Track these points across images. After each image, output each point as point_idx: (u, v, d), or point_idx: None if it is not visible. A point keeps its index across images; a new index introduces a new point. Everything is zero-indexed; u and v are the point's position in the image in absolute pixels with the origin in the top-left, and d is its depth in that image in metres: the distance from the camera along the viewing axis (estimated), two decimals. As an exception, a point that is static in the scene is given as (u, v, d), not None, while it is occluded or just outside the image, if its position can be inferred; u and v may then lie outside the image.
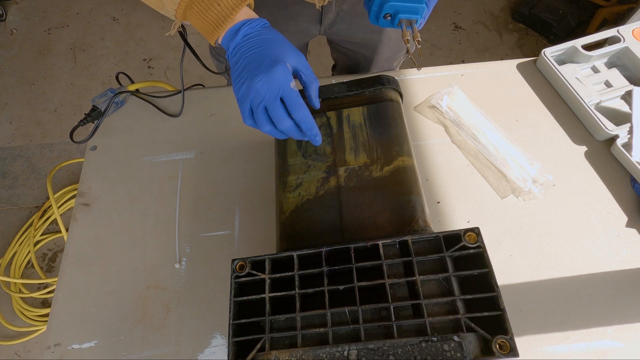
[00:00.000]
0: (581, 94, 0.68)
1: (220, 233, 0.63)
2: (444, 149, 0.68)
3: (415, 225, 0.46)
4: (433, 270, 0.42)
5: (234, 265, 0.44)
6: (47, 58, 2.01)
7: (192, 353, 0.55)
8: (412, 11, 0.45)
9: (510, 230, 0.60)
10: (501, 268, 0.57)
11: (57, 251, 1.51)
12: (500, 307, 0.37)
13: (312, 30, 0.74)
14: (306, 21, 0.71)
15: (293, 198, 0.51)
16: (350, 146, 0.53)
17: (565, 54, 0.75)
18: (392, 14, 0.46)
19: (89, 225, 0.65)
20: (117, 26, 2.10)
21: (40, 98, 1.89)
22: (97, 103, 0.73)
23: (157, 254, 0.62)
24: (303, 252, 0.44)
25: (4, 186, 1.65)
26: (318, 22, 0.71)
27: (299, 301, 0.42)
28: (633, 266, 0.57)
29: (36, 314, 1.37)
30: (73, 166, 1.63)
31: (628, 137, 0.65)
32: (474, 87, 0.74)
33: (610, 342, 0.52)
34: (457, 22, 2.02)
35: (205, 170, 0.69)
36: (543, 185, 0.63)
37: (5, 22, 2.15)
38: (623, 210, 0.61)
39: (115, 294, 0.60)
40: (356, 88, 0.58)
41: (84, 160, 0.71)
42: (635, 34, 0.73)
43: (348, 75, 0.79)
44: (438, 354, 0.35)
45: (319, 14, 0.69)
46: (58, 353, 0.56)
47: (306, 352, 0.38)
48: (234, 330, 0.41)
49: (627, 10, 1.69)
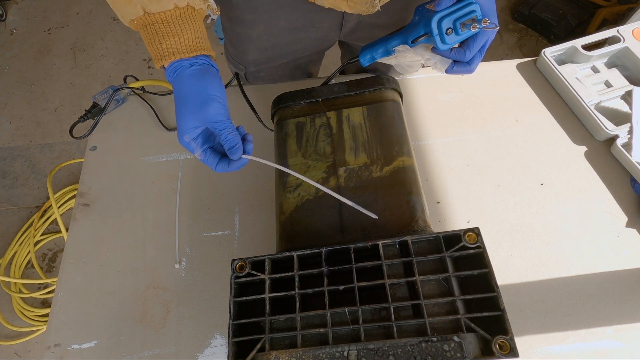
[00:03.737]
0: (581, 94, 0.68)
1: (220, 233, 0.63)
2: (444, 149, 0.68)
3: (415, 226, 0.46)
4: (433, 270, 0.42)
5: (234, 266, 0.44)
6: (47, 58, 2.01)
7: (192, 353, 0.55)
8: (466, 13, 0.45)
9: (510, 230, 0.60)
10: (501, 268, 0.57)
11: (57, 251, 1.51)
12: (500, 307, 0.37)
13: (332, 36, 0.72)
14: (326, 28, 0.69)
15: (293, 198, 0.51)
16: (350, 146, 0.53)
17: (565, 54, 0.75)
18: (453, 26, 0.45)
19: (89, 225, 0.65)
20: (117, 26, 2.10)
21: (40, 98, 1.89)
22: (98, 100, 0.73)
23: (157, 254, 0.62)
24: (303, 252, 0.44)
25: (4, 186, 1.65)
26: (338, 29, 0.70)
27: (299, 301, 0.42)
28: (633, 266, 0.57)
29: (36, 314, 1.37)
30: (73, 166, 1.63)
31: (628, 137, 0.65)
32: (474, 87, 0.74)
33: (610, 342, 0.52)
34: (457, 22, 2.01)
35: (205, 170, 0.69)
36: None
37: (5, 22, 2.15)
38: (623, 210, 0.61)
39: (115, 294, 0.60)
40: (356, 88, 0.58)
41: (84, 161, 0.71)
42: (635, 34, 0.73)
43: (348, 76, 0.79)
44: (438, 354, 0.35)
45: (340, 21, 0.67)
46: (58, 353, 0.56)
47: (306, 352, 0.38)
48: (234, 331, 0.41)
49: (627, 10, 1.69)
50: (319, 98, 0.58)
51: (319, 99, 0.58)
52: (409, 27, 0.49)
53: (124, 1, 0.44)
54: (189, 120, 0.44)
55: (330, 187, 0.51)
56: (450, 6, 0.45)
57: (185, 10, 0.45)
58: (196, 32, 0.46)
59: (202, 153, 0.46)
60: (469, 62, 0.50)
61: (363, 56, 0.54)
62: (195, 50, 0.45)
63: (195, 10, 0.46)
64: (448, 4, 0.45)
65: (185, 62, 0.45)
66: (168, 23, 0.44)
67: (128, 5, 0.43)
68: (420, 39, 0.48)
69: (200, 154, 0.46)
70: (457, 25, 0.45)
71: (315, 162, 0.53)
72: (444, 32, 0.46)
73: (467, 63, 0.50)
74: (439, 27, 0.45)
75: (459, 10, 0.45)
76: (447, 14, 0.45)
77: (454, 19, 0.45)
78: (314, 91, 0.59)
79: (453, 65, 0.51)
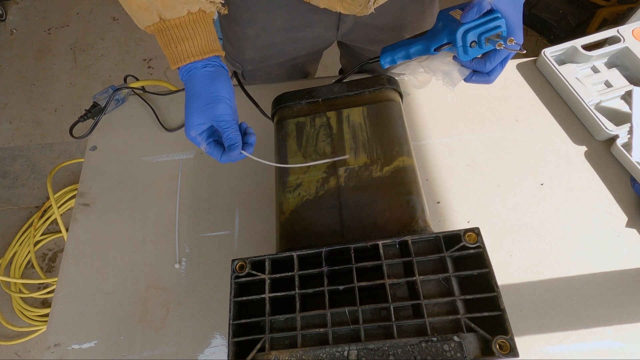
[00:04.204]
0: (581, 94, 0.68)
1: (220, 233, 0.63)
2: (444, 149, 0.68)
3: (415, 226, 0.46)
4: (433, 270, 0.42)
5: (234, 266, 0.44)
6: (47, 58, 2.01)
7: (192, 353, 0.55)
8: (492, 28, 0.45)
9: (510, 230, 0.60)
10: (501, 268, 0.57)
11: (57, 251, 1.51)
12: (500, 307, 0.37)
13: (328, 36, 0.72)
14: (323, 28, 0.69)
15: (293, 198, 0.51)
16: (350, 146, 0.53)
17: (565, 54, 0.75)
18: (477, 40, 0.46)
19: (89, 225, 0.65)
20: (117, 26, 2.10)
21: (40, 98, 1.89)
22: (98, 100, 0.73)
23: (157, 254, 0.62)
24: (303, 252, 0.44)
25: (4, 186, 1.65)
26: (335, 29, 0.70)
27: (299, 301, 0.42)
28: (633, 266, 0.57)
29: (36, 314, 1.37)
30: (73, 166, 1.63)
31: (628, 137, 0.65)
32: (474, 86, 0.74)
33: (610, 342, 0.52)
34: (457, 22, 2.01)
35: (205, 170, 0.69)
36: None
37: (5, 22, 2.15)
38: (623, 210, 0.61)
39: (115, 294, 0.60)
40: (356, 88, 0.58)
41: (84, 161, 0.71)
42: (635, 34, 0.73)
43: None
44: (438, 354, 0.35)
45: (336, 21, 0.68)
46: (58, 353, 0.56)
47: (306, 352, 0.38)
48: (234, 331, 0.41)
49: (627, 10, 1.69)
50: (319, 98, 0.58)
51: (319, 99, 0.58)
52: (432, 33, 0.49)
53: (140, 8, 0.46)
54: (196, 117, 0.47)
55: (331, 187, 0.51)
56: (476, 19, 0.45)
57: (197, 15, 0.47)
58: (208, 35, 0.49)
59: (207, 146, 0.49)
60: (488, 72, 0.50)
61: (384, 58, 0.53)
62: (207, 53, 0.48)
63: (206, 13, 0.48)
64: (474, 17, 0.45)
65: (198, 64, 0.48)
66: (182, 28, 0.47)
67: (145, 12, 0.46)
68: (443, 47, 0.48)
69: (206, 147, 0.49)
70: (482, 40, 0.45)
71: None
72: (467, 45, 0.46)
73: (487, 74, 0.50)
74: (463, 39, 0.46)
75: (484, 24, 0.45)
76: (472, 27, 0.45)
77: (479, 32, 0.45)
78: (314, 91, 0.59)
79: (472, 75, 0.51)
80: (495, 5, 0.45)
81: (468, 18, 0.45)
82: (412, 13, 0.69)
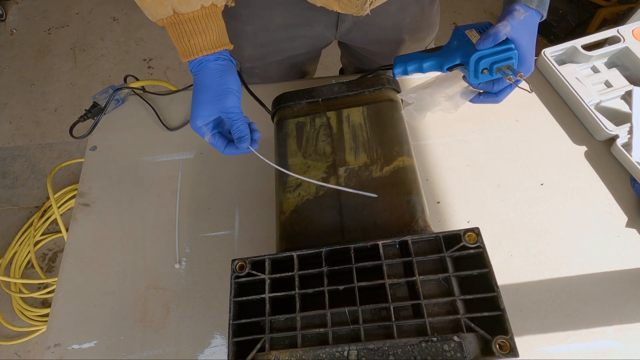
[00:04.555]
0: (581, 94, 0.68)
1: (220, 233, 0.63)
2: (444, 149, 0.68)
3: (415, 226, 0.46)
4: (433, 270, 0.42)
5: (234, 266, 0.44)
6: (47, 58, 2.01)
7: (192, 353, 0.55)
8: (504, 59, 0.47)
9: (510, 230, 0.60)
10: (501, 268, 0.57)
11: (57, 251, 1.51)
12: (500, 307, 0.37)
13: (327, 36, 0.72)
14: (322, 26, 0.69)
15: (293, 198, 0.51)
16: (350, 146, 0.53)
17: (565, 54, 0.75)
18: (488, 67, 0.47)
19: (89, 225, 0.65)
20: (117, 26, 2.10)
21: (40, 98, 1.89)
22: (98, 100, 0.73)
23: (157, 254, 0.62)
24: (303, 252, 0.44)
25: (4, 186, 1.65)
26: (334, 28, 0.70)
27: (299, 301, 0.42)
28: (633, 266, 0.57)
29: (36, 314, 1.37)
30: (73, 166, 1.63)
31: (628, 137, 0.65)
32: (474, 87, 0.74)
33: (610, 342, 0.52)
34: (457, 22, 2.02)
35: (205, 170, 0.69)
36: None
37: (5, 22, 2.15)
38: (623, 210, 0.61)
39: (115, 294, 0.60)
40: (356, 88, 0.58)
41: (84, 161, 0.71)
42: (635, 34, 0.73)
43: (348, 76, 0.79)
44: (438, 354, 0.35)
45: (335, 20, 0.68)
46: (58, 353, 0.56)
47: (306, 352, 0.38)
48: (234, 331, 0.41)
49: (627, 10, 1.69)
50: (319, 98, 0.58)
51: (319, 99, 0.58)
52: (446, 50, 0.51)
53: (155, 2, 0.46)
54: (205, 108, 0.48)
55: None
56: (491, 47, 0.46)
57: (209, 9, 0.48)
58: (219, 29, 0.50)
59: (211, 137, 0.50)
60: (496, 93, 0.52)
61: (396, 67, 0.54)
62: (219, 46, 0.49)
63: (217, 7, 0.49)
64: (489, 45, 0.46)
65: (210, 57, 0.49)
66: (195, 22, 0.48)
67: (159, 7, 0.46)
68: (455, 68, 0.50)
69: (210, 138, 0.50)
70: (493, 68, 0.47)
71: (315, 162, 0.53)
72: (479, 71, 0.48)
73: (495, 94, 0.52)
74: (476, 65, 0.47)
75: (498, 53, 0.47)
76: (486, 55, 0.47)
77: (492, 61, 0.47)
78: (314, 91, 0.59)
79: (479, 95, 0.53)
80: (511, 36, 0.46)
81: (484, 46, 0.46)
82: (412, 14, 0.69)
